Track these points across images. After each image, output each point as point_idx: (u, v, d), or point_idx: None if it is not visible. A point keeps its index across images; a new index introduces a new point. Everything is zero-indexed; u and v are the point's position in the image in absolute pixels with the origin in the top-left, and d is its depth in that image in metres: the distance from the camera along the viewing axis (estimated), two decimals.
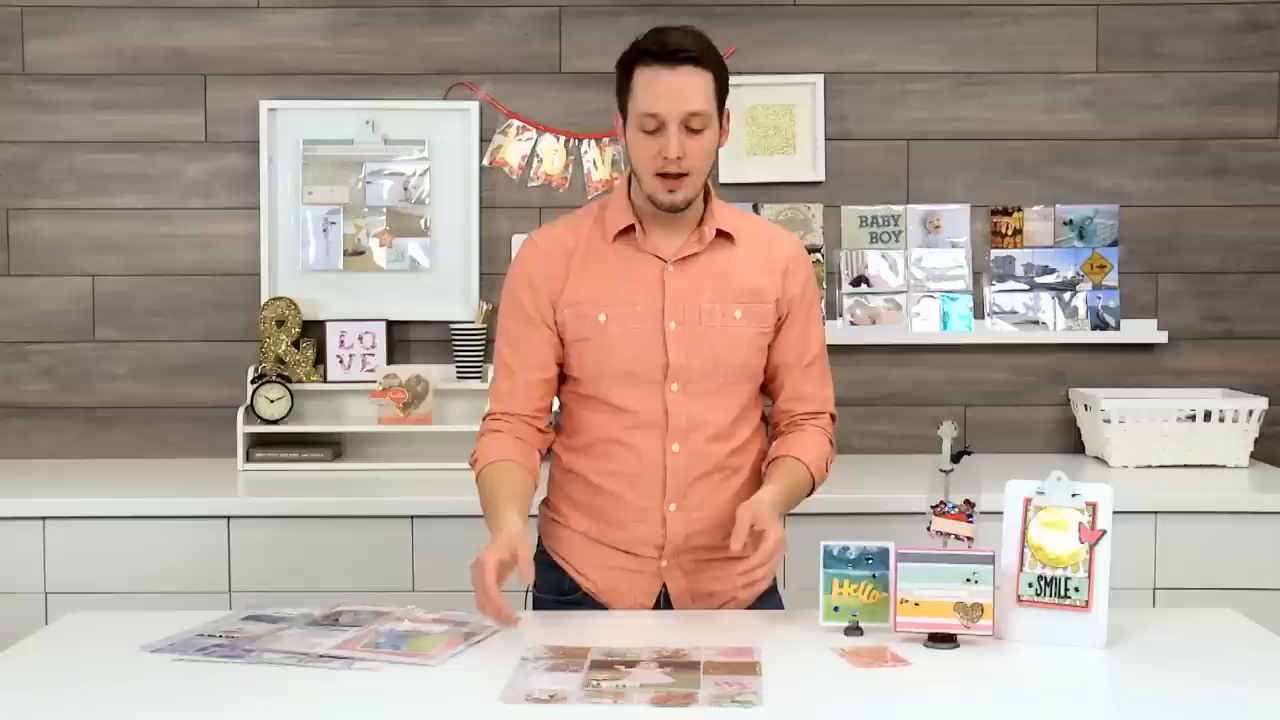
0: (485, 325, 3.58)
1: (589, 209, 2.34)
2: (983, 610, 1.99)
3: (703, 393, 2.24)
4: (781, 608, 2.39)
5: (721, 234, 2.26)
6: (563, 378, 2.32)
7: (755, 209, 3.64)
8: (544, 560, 2.35)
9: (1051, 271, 3.67)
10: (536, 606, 2.37)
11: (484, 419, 2.33)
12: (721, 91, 2.19)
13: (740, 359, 2.26)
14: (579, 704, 1.76)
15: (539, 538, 2.39)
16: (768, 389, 2.36)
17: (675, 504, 2.24)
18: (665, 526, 2.25)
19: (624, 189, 2.28)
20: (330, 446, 3.53)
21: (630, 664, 1.93)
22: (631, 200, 2.26)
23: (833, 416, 2.37)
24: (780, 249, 2.31)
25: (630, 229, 2.25)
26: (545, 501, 2.42)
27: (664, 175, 2.16)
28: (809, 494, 2.33)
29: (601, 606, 2.31)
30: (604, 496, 2.28)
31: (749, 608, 2.32)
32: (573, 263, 2.27)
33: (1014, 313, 3.68)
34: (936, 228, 3.68)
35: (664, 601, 2.30)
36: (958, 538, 2.06)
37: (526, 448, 2.29)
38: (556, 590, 2.33)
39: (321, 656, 1.95)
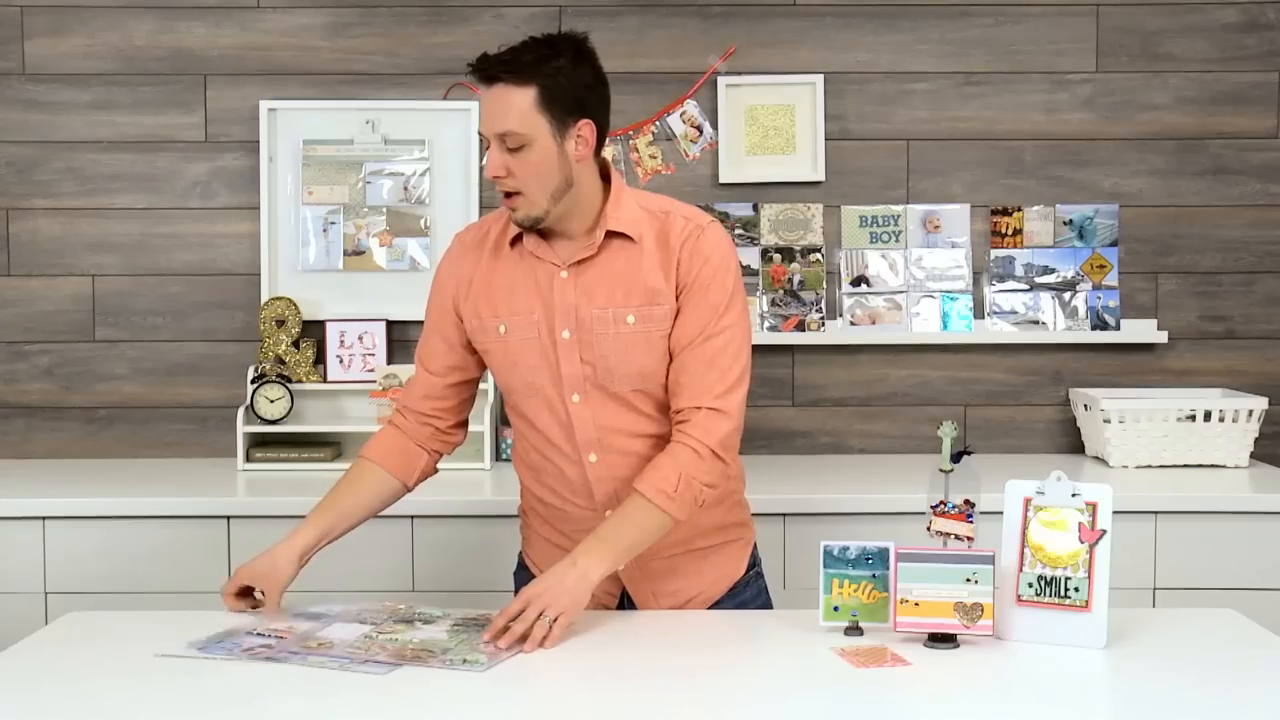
0: None
1: (502, 212, 2.26)
2: (983, 610, 1.99)
3: (604, 400, 2.18)
4: (767, 595, 2.38)
5: (617, 236, 2.18)
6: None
7: (755, 209, 3.64)
8: (520, 563, 2.43)
9: (1051, 271, 3.67)
10: None
11: (392, 410, 2.38)
12: (557, 103, 2.08)
13: (635, 366, 2.16)
14: (291, 659, 1.92)
15: (522, 544, 2.43)
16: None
17: (611, 510, 2.20)
18: None
19: None
20: (330, 446, 3.53)
21: (429, 621, 2.09)
22: None
23: (711, 410, 2.13)
24: (675, 239, 2.17)
25: (520, 236, 2.20)
26: (520, 508, 2.43)
27: (500, 191, 2.14)
28: (672, 521, 2.12)
29: None
30: (549, 507, 2.30)
31: (722, 600, 2.30)
32: (477, 268, 2.24)
33: (1014, 313, 3.68)
34: (936, 228, 3.68)
35: (626, 603, 2.30)
36: (958, 538, 2.06)
37: (411, 450, 2.32)
38: None
39: (367, 661, 1.94)
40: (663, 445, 2.17)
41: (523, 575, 2.40)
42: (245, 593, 2.20)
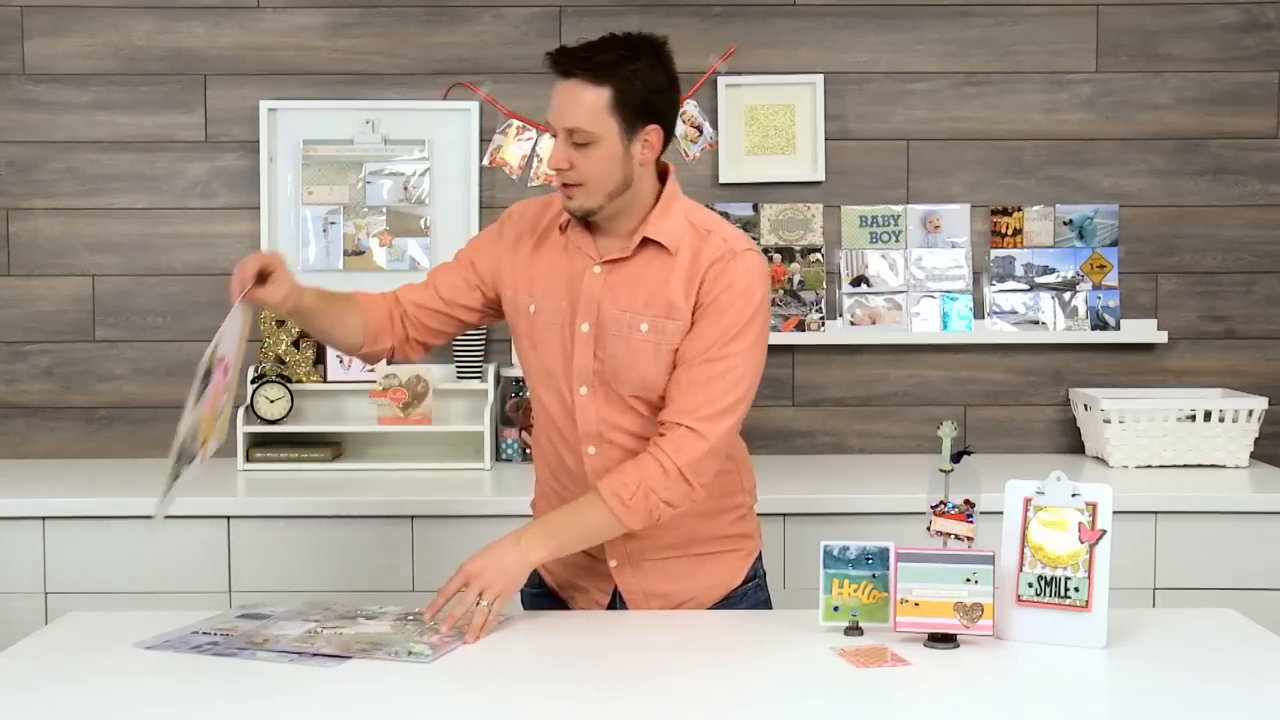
0: (485, 326, 3.58)
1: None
2: (983, 610, 1.99)
3: (611, 398, 2.20)
4: (767, 606, 2.38)
5: (654, 243, 2.18)
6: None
7: (755, 209, 3.64)
8: None
9: (1051, 271, 3.67)
10: (523, 599, 2.39)
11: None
12: (630, 107, 2.09)
13: (639, 372, 2.17)
14: (239, 654, 1.95)
15: None
16: None
17: None
18: None
19: None
20: (330, 446, 3.53)
21: (371, 617, 2.12)
22: None
23: (690, 430, 2.11)
24: (705, 259, 2.16)
25: (568, 223, 2.23)
26: (532, 502, 2.45)
27: (559, 181, 2.16)
28: (619, 524, 2.12)
29: (562, 602, 2.33)
30: (551, 496, 2.33)
31: (716, 608, 2.30)
32: (527, 245, 2.27)
33: (1014, 313, 3.68)
34: (936, 228, 3.68)
35: (618, 600, 2.29)
36: (958, 538, 2.06)
37: (388, 327, 2.31)
38: (530, 583, 2.35)
39: (316, 655, 1.96)
40: None
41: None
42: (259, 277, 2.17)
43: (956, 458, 2.10)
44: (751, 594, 2.35)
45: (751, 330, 2.16)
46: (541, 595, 2.36)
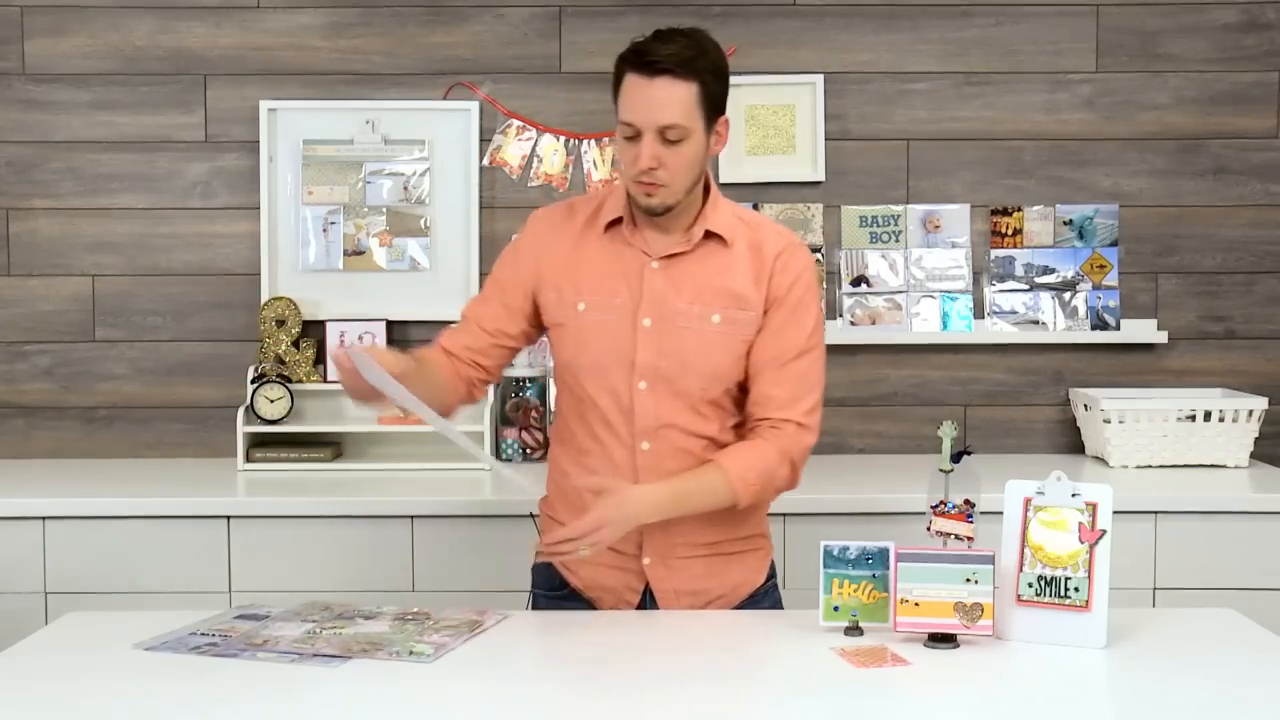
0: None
1: (593, 195, 2.35)
2: (983, 610, 1.99)
3: (672, 393, 2.21)
4: (780, 607, 2.38)
5: (714, 236, 2.24)
6: (557, 376, 2.34)
7: (755, 209, 3.64)
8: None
9: (1051, 271, 3.67)
10: (535, 604, 2.37)
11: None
12: (710, 100, 2.15)
13: (712, 364, 2.22)
14: (240, 654, 1.96)
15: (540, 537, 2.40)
16: (744, 390, 2.29)
17: None
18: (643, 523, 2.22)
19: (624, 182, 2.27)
20: (330, 446, 3.53)
21: (370, 617, 2.13)
22: (628, 194, 2.25)
23: (799, 425, 2.23)
24: (769, 250, 2.24)
25: (619, 221, 2.25)
26: (543, 500, 2.43)
27: (641, 181, 2.16)
28: (736, 506, 2.21)
29: (588, 602, 2.31)
30: (585, 493, 2.28)
31: (741, 606, 2.31)
32: (563, 245, 2.27)
33: (1014, 313, 3.68)
34: (936, 228, 3.68)
35: (649, 598, 2.29)
36: (958, 538, 2.06)
37: (444, 366, 2.27)
38: (549, 586, 2.35)
39: (316, 655, 1.96)
40: (714, 449, 2.23)
41: (541, 570, 2.36)
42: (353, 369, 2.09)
43: (956, 458, 2.11)
44: (771, 593, 2.37)
45: (820, 323, 2.29)
46: (564, 598, 2.33)
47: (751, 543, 2.34)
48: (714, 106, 2.17)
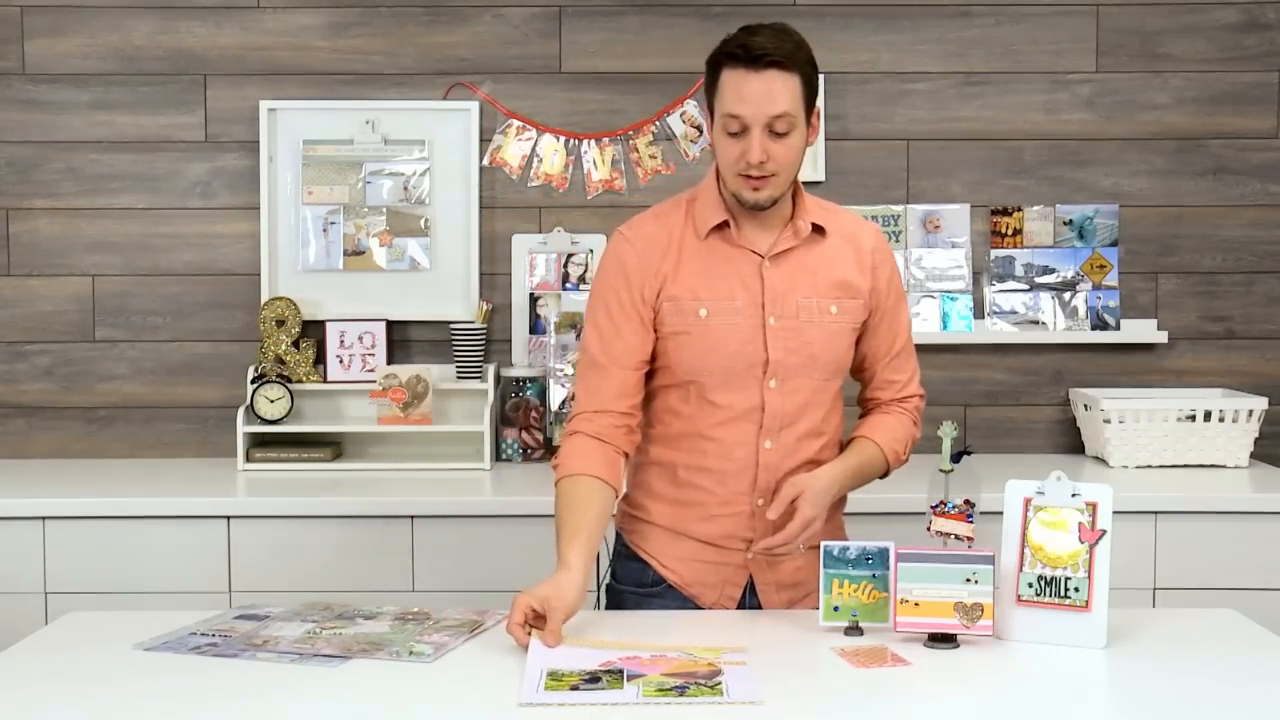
0: (485, 325, 3.58)
1: (675, 203, 2.32)
2: (983, 610, 1.99)
3: (798, 388, 2.25)
4: None
5: (814, 228, 2.27)
6: (650, 371, 2.30)
7: None
8: (624, 552, 2.37)
9: (1051, 271, 3.67)
10: (612, 597, 2.37)
11: (571, 418, 2.26)
12: (810, 91, 2.18)
13: (835, 354, 2.28)
14: (240, 655, 1.96)
15: (618, 531, 2.39)
16: (856, 376, 2.40)
17: (764, 499, 2.24)
18: (754, 520, 2.25)
19: (713, 184, 2.26)
20: (330, 446, 3.53)
21: (369, 617, 2.13)
22: (722, 196, 2.24)
23: (921, 396, 2.42)
24: (866, 241, 2.32)
25: (724, 224, 2.25)
26: (625, 497, 2.38)
27: (748, 175, 2.17)
28: (884, 474, 2.37)
29: (688, 598, 2.31)
30: (691, 490, 2.28)
31: None
32: (668, 257, 2.25)
33: (1014, 313, 3.68)
34: (936, 228, 3.68)
35: (750, 592, 2.30)
36: (958, 538, 2.06)
37: (612, 454, 2.22)
38: (638, 582, 2.33)
39: (316, 655, 1.96)
40: (828, 451, 2.30)
41: (628, 565, 2.35)
42: (527, 618, 2.04)
43: (956, 458, 2.11)
44: None
45: None
46: (657, 594, 2.31)
47: (837, 534, 2.36)
48: (811, 98, 2.19)
